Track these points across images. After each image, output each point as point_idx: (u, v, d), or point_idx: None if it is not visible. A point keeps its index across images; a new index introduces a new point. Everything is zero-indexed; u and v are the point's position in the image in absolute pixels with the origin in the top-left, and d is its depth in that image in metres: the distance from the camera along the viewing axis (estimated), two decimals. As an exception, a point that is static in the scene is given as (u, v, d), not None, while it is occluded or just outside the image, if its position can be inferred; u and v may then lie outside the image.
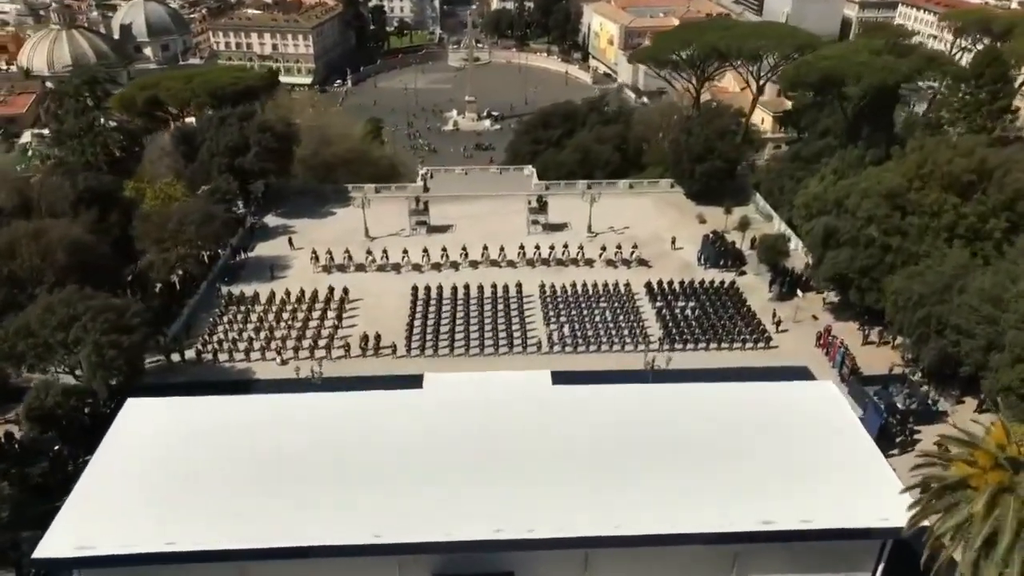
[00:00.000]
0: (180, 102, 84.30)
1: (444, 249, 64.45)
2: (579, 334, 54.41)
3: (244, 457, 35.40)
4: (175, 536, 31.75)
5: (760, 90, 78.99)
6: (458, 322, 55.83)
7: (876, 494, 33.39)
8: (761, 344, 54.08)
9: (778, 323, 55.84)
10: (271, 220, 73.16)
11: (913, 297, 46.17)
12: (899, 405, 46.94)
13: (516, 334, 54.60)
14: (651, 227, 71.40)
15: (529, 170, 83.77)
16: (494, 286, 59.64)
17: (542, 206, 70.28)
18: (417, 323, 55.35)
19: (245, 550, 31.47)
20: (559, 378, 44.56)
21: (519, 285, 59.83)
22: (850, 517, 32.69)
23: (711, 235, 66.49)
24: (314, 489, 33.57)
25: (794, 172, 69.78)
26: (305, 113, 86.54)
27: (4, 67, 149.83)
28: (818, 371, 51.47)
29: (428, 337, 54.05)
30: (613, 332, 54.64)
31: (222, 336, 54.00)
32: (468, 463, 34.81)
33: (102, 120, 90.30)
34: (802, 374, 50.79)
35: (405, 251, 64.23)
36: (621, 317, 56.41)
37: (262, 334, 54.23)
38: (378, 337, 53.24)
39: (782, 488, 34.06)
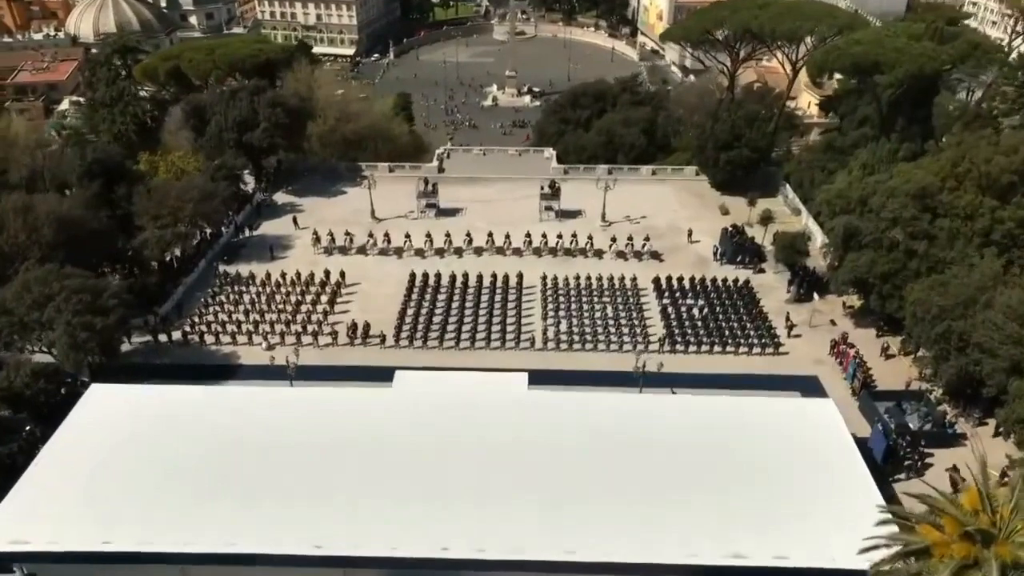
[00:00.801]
0: (200, 73, 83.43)
1: (448, 234, 62.36)
2: (576, 331, 51.88)
3: (196, 453, 34.41)
4: (115, 534, 30.90)
5: (796, 73, 74.24)
6: (452, 313, 53.88)
7: (862, 531, 30.56)
8: (770, 349, 50.76)
9: (791, 327, 52.39)
10: (281, 197, 72.05)
11: (932, 309, 42.34)
12: (912, 425, 43.36)
13: (511, 328, 52.34)
14: (669, 217, 68.01)
15: (549, 152, 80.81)
16: (494, 276, 57.37)
17: (555, 191, 67.45)
18: (410, 312, 53.56)
19: (182, 554, 30.41)
20: (541, 378, 42.76)
21: (520, 276, 57.47)
22: (829, 556, 29.98)
23: (730, 229, 62.85)
24: (262, 491, 32.41)
25: (826, 164, 65.41)
26: (327, 88, 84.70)
27: (53, 33, 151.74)
28: (829, 382, 48.15)
29: (419, 327, 52.20)
30: (612, 330, 51.95)
31: (212, 318, 53.12)
32: (425, 472, 33.16)
33: (133, 90, 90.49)
34: (810, 385, 47.60)
35: (408, 235, 62.33)
36: (623, 314, 53.63)
37: (252, 317, 53.18)
38: (367, 326, 51.65)
39: (758, 519, 31.56)
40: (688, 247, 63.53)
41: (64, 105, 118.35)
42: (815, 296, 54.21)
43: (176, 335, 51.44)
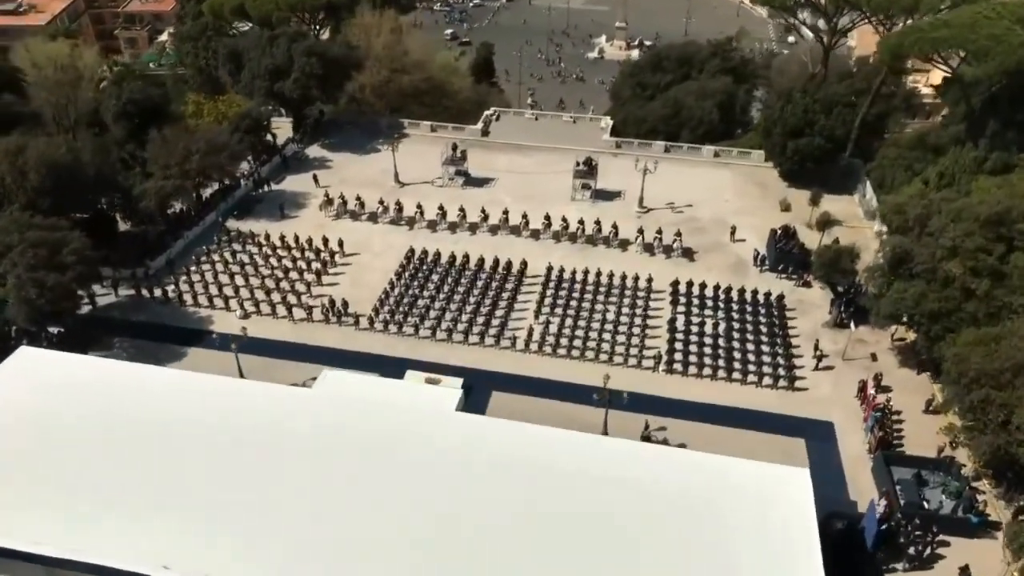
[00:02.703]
0: (262, 13, 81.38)
1: (461, 209, 57.77)
2: (566, 334, 46.56)
3: (87, 439, 32.63)
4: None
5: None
6: (439, 299, 49.80)
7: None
8: (783, 383, 43.57)
9: (819, 357, 44.81)
10: (314, 151, 69.60)
11: (970, 371, 34.17)
12: (930, 503, 35.80)
13: (496, 323, 47.72)
14: (718, 209, 60.27)
15: (606, 122, 73.84)
16: (496, 260, 52.57)
17: (591, 168, 61.09)
18: (394, 294, 49.95)
19: (25, 553, 28.69)
20: (504, 383, 40.20)
21: (524, 264, 52.37)
22: None
23: (779, 231, 54.65)
24: (131, 496, 30.09)
25: (912, 162, 55.39)
26: (386, 36, 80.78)
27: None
28: (846, 432, 40.98)
29: (400, 312, 48.55)
30: (606, 339, 46.25)
31: (199, 277, 51.62)
32: (309, 500, 29.73)
33: (215, 25, 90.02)
34: (820, 433, 40.76)
35: (419, 205, 58.29)
36: (623, 321, 47.70)
37: (236, 280, 51.31)
38: (345, 304, 48.53)
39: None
40: (728, 247, 55.97)
41: (164, 36, 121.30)
42: (853, 324, 46.02)
43: (168, 290, 50.38)
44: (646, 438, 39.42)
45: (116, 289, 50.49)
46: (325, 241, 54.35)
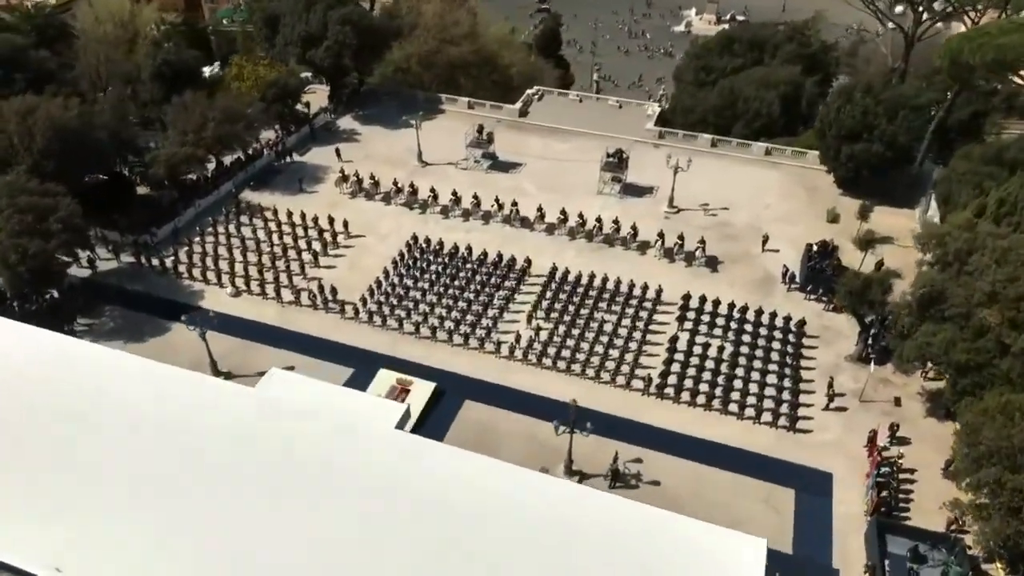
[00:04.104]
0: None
1: (475, 196, 54.87)
2: (555, 343, 43.38)
3: (9, 420, 31.72)
4: None
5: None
6: (432, 292, 47.38)
7: None
8: (784, 422, 39.17)
9: (831, 396, 40.08)
10: (346, 123, 67.92)
11: (980, 447, 29.24)
12: (922, 585, 31.32)
13: (485, 325, 44.95)
14: (755, 214, 55.13)
15: (652, 109, 68.94)
16: (500, 256, 49.62)
17: (621, 160, 56.88)
18: (386, 284, 47.87)
19: None
20: (475, 391, 39.34)
21: (527, 261, 49.20)
22: None
23: (815, 246, 49.42)
24: (32, 488, 29.14)
25: (982, 180, 48.64)
26: (436, 3, 77.85)
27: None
28: (845, 487, 36.54)
29: (388, 304, 46.47)
30: (597, 353, 42.79)
31: (200, 249, 51.00)
32: (210, 507, 28.24)
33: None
34: (815, 485, 36.63)
35: (432, 189, 55.72)
36: (621, 334, 44.04)
37: (237, 254, 50.42)
38: (334, 291, 46.81)
39: None
40: (757, 259, 51.03)
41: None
42: (874, 362, 40.94)
43: (169, 260, 50.01)
44: (614, 471, 36.16)
45: (118, 255, 50.51)
46: (331, 220, 52.66)
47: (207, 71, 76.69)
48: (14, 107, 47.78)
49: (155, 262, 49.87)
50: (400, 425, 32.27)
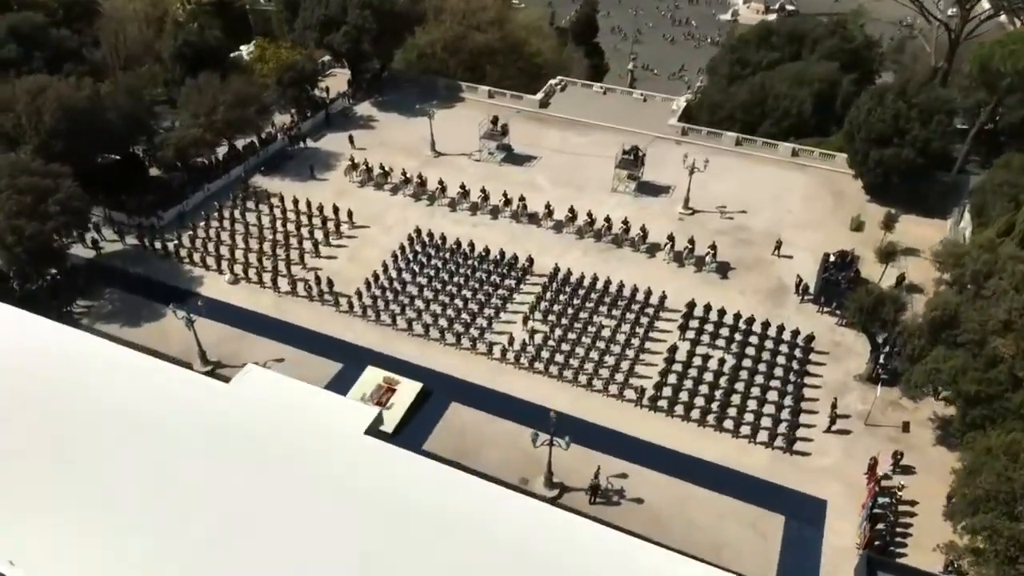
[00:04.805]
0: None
1: (483, 190, 53.58)
2: (550, 347, 42.04)
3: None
4: None
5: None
6: (429, 287, 46.42)
7: None
8: (781, 443, 37.28)
9: (834, 418, 38.01)
10: (363, 109, 67.07)
11: (977, 489, 27.14)
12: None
13: (479, 324, 43.83)
14: (775, 218, 52.73)
15: (678, 104, 66.55)
16: (502, 253, 48.31)
17: (636, 158, 54.94)
18: (383, 277, 47.02)
19: None
20: (458, 392, 38.82)
21: (530, 260, 47.83)
22: None
23: (833, 256, 47.02)
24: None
25: (1018, 192, 45.55)
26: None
27: None
28: (838, 517, 34.55)
29: (383, 298, 45.65)
30: (592, 358, 41.34)
31: (204, 234, 50.84)
32: (169, 502, 27.87)
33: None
34: (806, 513, 34.92)
35: (441, 181, 54.57)
36: (618, 340, 42.47)
37: (238, 239, 50.14)
38: (330, 283, 46.14)
39: None
40: (772, 267, 48.77)
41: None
42: (881, 384, 38.69)
43: (172, 244, 49.98)
44: (594, 487, 34.83)
45: (123, 237, 50.64)
46: (336, 210, 51.97)
47: (244, 50, 76.60)
48: (24, 86, 47.97)
49: (158, 246, 49.84)
50: (371, 429, 31.38)
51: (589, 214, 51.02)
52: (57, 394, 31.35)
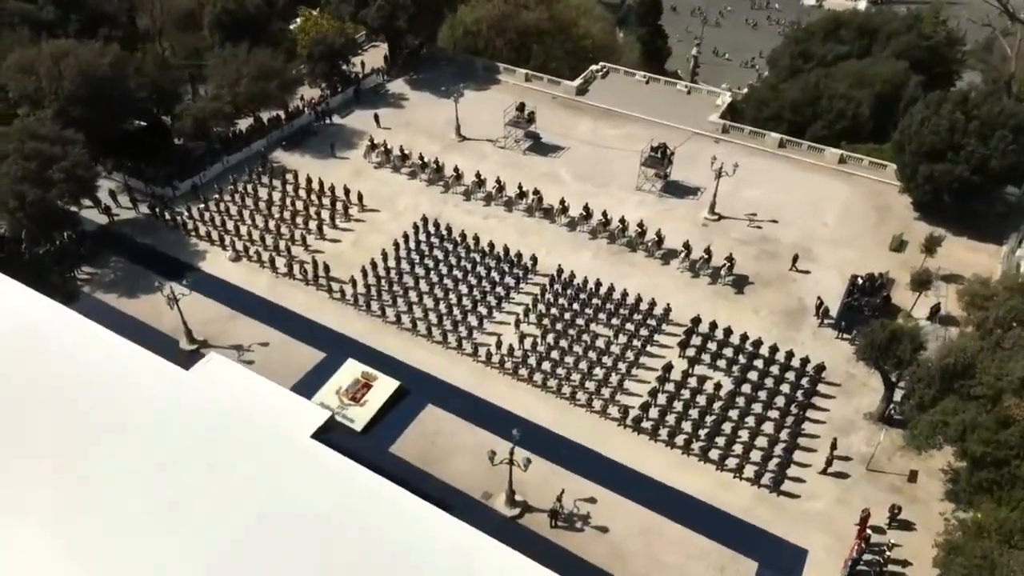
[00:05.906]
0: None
1: (499, 180, 51.56)
2: (538, 353, 40.04)
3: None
4: None
5: None
6: (425, 281, 44.94)
7: None
8: (767, 481, 34.47)
9: (831, 459, 34.91)
10: (396, 86, 65.61)
11: (954, 571, 24.04)
12: None
13: (471, 323, 42.15)
14: (807, 231, 48.92)
15: (723, 98, 62.55)
16: (506, 249, 46.30)
17: (663, 156, 51.78)
18: (380, 267, 45.69)
19: None
20: (441, 394, 38.01)
21: (533, 259, 45.73)
22: None
23: (862, 279, 43.22)
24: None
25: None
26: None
27: None
28: (820, 571, 31.73)
29: (375, 289, 44.46)
30: (581, 369, 39.18)
31: (215, 207, 50.64)
32: (84, 486, 27.33)
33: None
34: (783, 563, 32.13)
35: (456, 168, 52.78)
36: (613, 353, 40.08)
37: (246, 215, 49.75)
38: (327, 268, 45.26)
39: None
40: (793, 283, 45.26)
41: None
42: (888, 426, 35.27)
43: (182, 216, 50.02)
44: (554, 512, 32.94)
45: (136, 206, 50.95)
46: (347, 191, 50.95)
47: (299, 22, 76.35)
48: (49, 49, 48.37)
49: (168, 216, 49.94)
50: (318, 434, 30.28)
51: (604, 214, 48.38)
52: (10, 367, 31.25)
